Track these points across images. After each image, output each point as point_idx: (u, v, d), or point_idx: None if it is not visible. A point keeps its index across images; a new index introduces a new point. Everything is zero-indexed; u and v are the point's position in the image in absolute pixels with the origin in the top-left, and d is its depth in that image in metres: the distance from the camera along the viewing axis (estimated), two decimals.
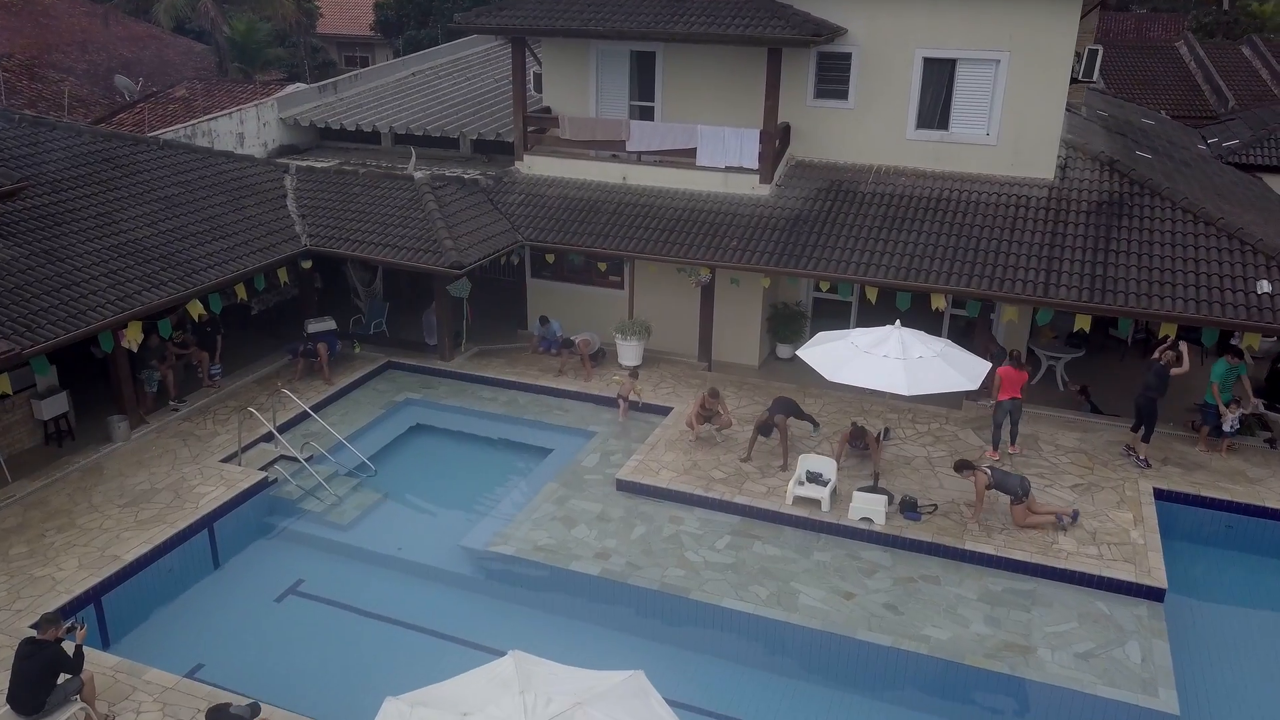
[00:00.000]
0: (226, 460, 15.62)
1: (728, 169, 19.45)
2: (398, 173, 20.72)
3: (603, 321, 19.90)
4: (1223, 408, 15.98)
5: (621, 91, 21.03)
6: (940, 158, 19.15)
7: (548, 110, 21.40)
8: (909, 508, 14.33)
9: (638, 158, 20.31)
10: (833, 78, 19.37)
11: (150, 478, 15.07)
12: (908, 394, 13.04)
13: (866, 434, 15.48)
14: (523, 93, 20.70)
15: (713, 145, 19.40)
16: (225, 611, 13.24)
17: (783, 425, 15.65)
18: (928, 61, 18.66)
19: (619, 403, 17.63)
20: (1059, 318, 19.96)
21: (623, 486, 15.24)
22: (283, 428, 16.63)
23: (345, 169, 21.16)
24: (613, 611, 13.08)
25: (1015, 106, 18.30)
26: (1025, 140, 18.47)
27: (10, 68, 30.96)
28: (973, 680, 11.58)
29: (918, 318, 16.31)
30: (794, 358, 20.03)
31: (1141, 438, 15.92)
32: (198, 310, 16.51)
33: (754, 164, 19.21)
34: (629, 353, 19.36)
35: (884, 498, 14.23)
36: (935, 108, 18.98)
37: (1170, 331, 16.25)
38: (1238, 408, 16.00)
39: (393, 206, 19.57)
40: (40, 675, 10.05)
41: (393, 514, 15.33)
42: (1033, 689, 11.38)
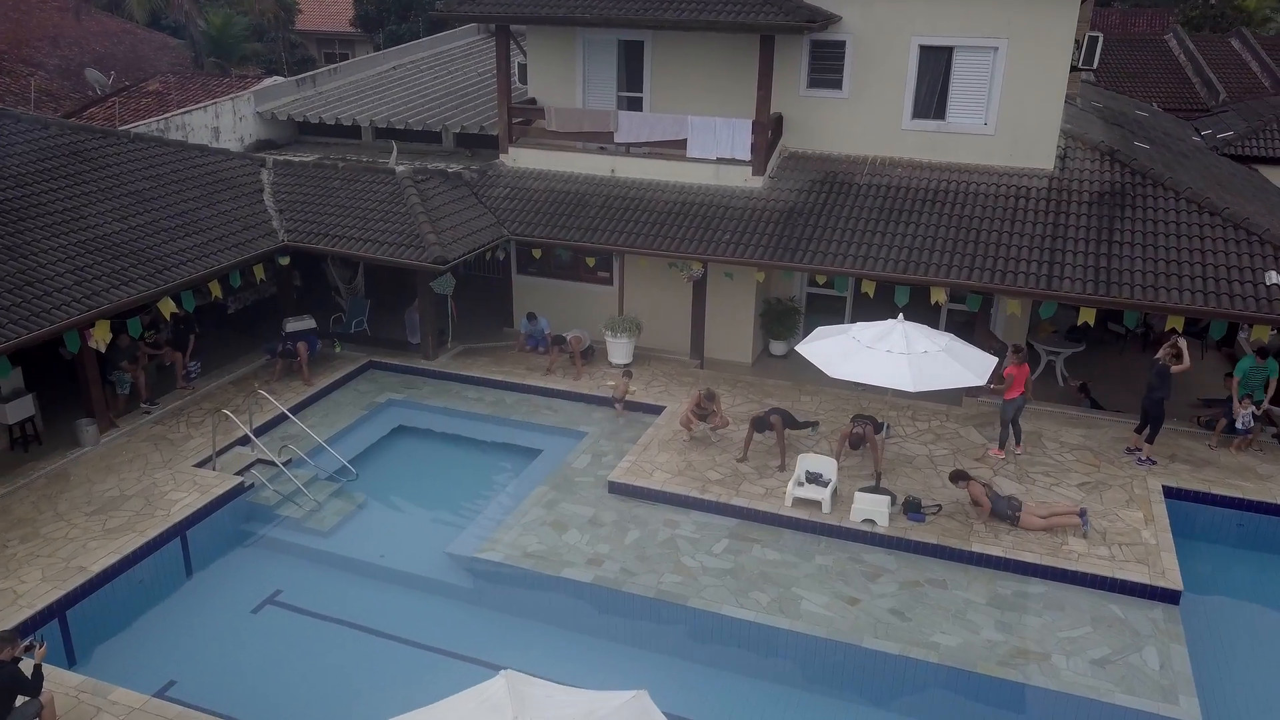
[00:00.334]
0: (200, 465, 14.95)
1: (719, 161, 18.90)
2: (378, 166, 20.06)
3: (591, 319, 19.32)
4: (1237, 404, 15.54)
5: (609, 82, 20.44)
6: (937, 148, 18.66)
7: (533, 102, 20.81)
8: (912, 509, 13.81)
9: (626, 150, 19.73)
10: (826, 67, 18.84)
11: (120, 484, 14.39)
12: (913, 390, 12.51)
13: (866, 435, 14.94)
14: (507, 83, 20.09)
15: (704, 136, 18.84)
16: (198, 625, 12.59)
17: (778, 425, 15.10)
18: (924, 49, 18.16)
19: (615, 405, 17.04)
20: (1058, 312, 19.57)
21: (615, 489, 14.66)
22: (259, 430, 15.96)
23: (324, 163, 20.51)
24: (606, 621, 12.50)
25: (1014, 95, 17.82)
26: (1024, 130, 18.00)
27: None
28: (985, 689, 11.06)
29: (915, 313, 15.71)
30: (788, 355, 19.63)
31: (1145, 438, 15.45)
32: (169, 309, 15.81)
33: (746, 155, 18.67)
34: (619, 351, 18.79)
35: (886, 498, 13.71)
36: (931, 97, 18.48)
37: (1176, 325, 15.81)
38: (1250, 404, 15.52)
39: (373, 201, 18.93)
40: None
41: (375, 520, 14.68)
42: (1048, 698, 10.86)
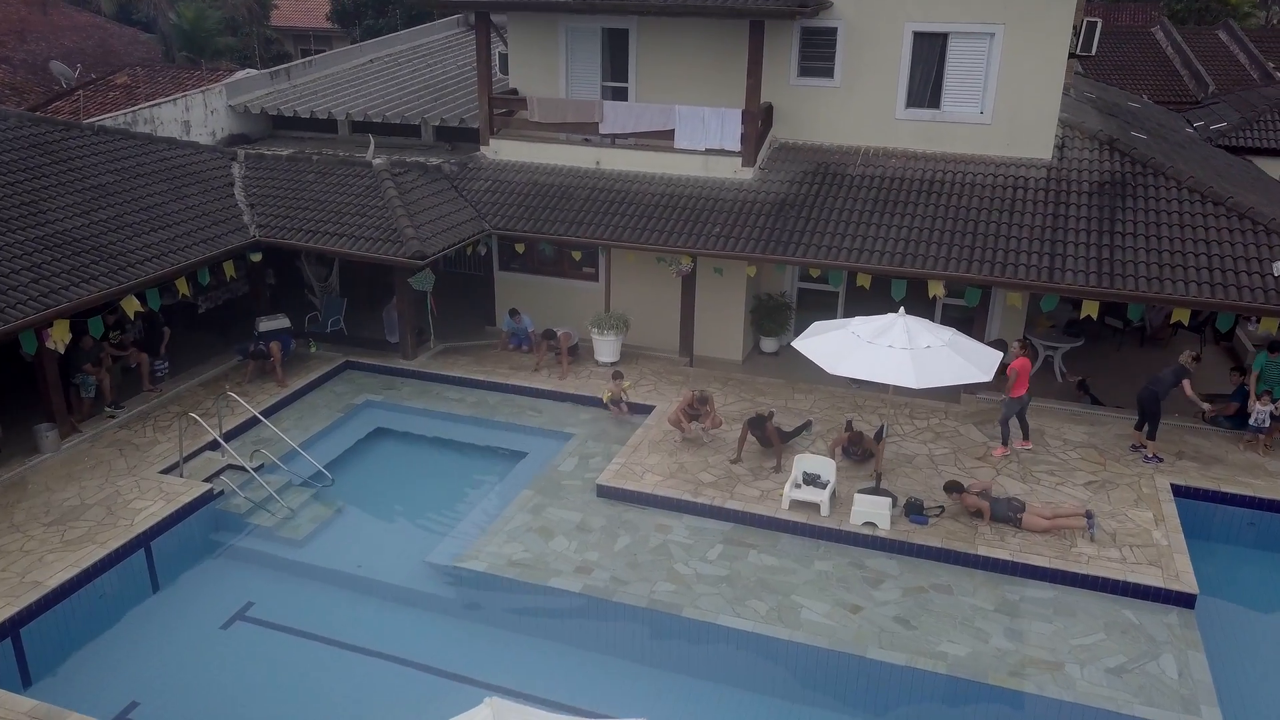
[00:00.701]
0: (167, 471, 14.21)
1: (708, 151, 18.30)
2: (354, 160, 19.34)
3: (577, 316, 18.68)
4: (1254, 400, 15.07)
5: (593, 72, 19.81)
6: (931, 138, 18.14)
7: (514, 92, 20.14)
8: (914, 510, 13.25)
9: (611, 141, 19.11)
10: (817, 54, 18.28)
11: (80, 492, 13.64)
12: (917, 387, 11.93)
13: (864, 438, 14.38)
14: (488, 73, 19.42)
15: (691, 126, 18.24)
16: (164, 642, 11.89)
17: (772, 430, 14.49)
18: (918, 36, 17.63)
19: (618, 407, 16.37)
20: (1056, 306, 19.09)
21: (604, 493, 14.02)
22: (230, 434, 15.24)
23: (298, 156, 19.75)
24: (597, 632, 11.87)
25: (1011, 83, 17.31)
26: (1021, 118, 17.49)
27: None
28: (997, 701, 10.50)
29: (911, 308, 15.00)
30: (779, 352, 19.07)
31: (1147, 435, 14.94)
32: (134, 307, 15.05)
33: (736, 146, 18.07)
34: (606, 349, 18.15)
35: (887, 500, 13.14)
36: (926, 85, 17.96)
37: (1182, 318, 15.33)
38: (1270, 400, 15.02)
39: (349, 194, 18.21)
40: None
41: (352, 528, 13.97)
42: (1064, 711, 10.30)
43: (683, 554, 12.73)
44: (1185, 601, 11.76)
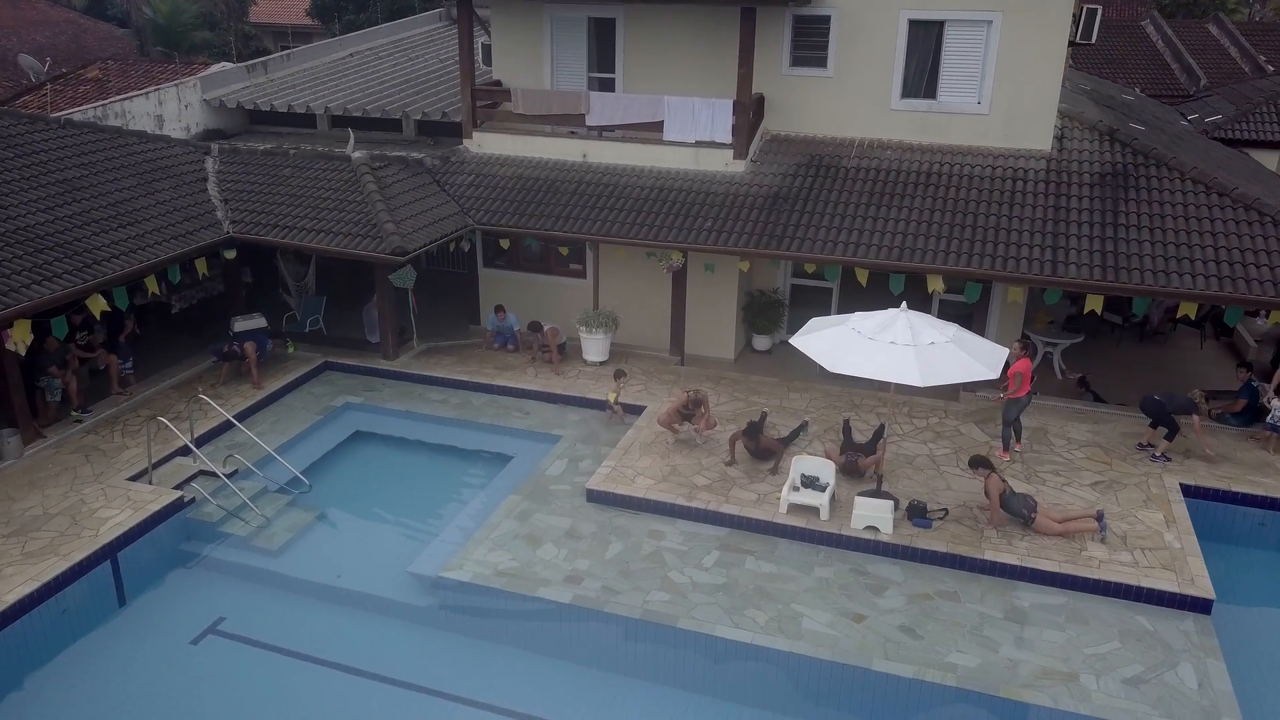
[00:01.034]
0: (135, 478, 13.56)
1: (698, 144, 17.75)
2: (333, 153, 18.71)
3: (565, 313, 18.10)
4: (1273, 397, 14.63)
5: (579, 63, 19.24)
6: (928, 129, 17.65)
7: (498, 84, 19.54)
8: (917, 514, 12.74)
9: (599, 133, 18.54)
10: (810, 44, 17.76)
11: (43, 501, 12.97)
12: (921, 385, 11.40)
13: (858, 462, 13.79)
14: (470, 63, 18.81)
15: (681, 118, 17.68)
16: (131, 659, 11.26)
17: (767, 439, 13.94)
18: (913, 24, 17.13)
19: (614, 408, 15.78)
20: (1055, 303, 18.67)
21: (594, 497, 13.45)
22: (203, 439, 14.60)
23: (274, 150, 19.10)
24: (588, 645, 11.28)
25: (1009, 72, 16.83)
26: (1020, 109, 17.02)
27: None
28: (1011, 715, 9.98)
29: (908, 305, 14.59)
30: (771, 350, 18.55)
31: (1165, 436, 14.43)
32: (100, 306, 14.38)
33: (727, 138, 17.53)
34: (594, 348, 17.57)
35: (889, 503, 12.62)
36: (922, 75, 17.47)
37: (1189, 311, 14.89)
38: None
39: (327, 189, 17.58)
40: None
41: (330, 536, 13.35)
42: None
43: (677, 561, 12.18)
44: (1201, 607, 11.29)
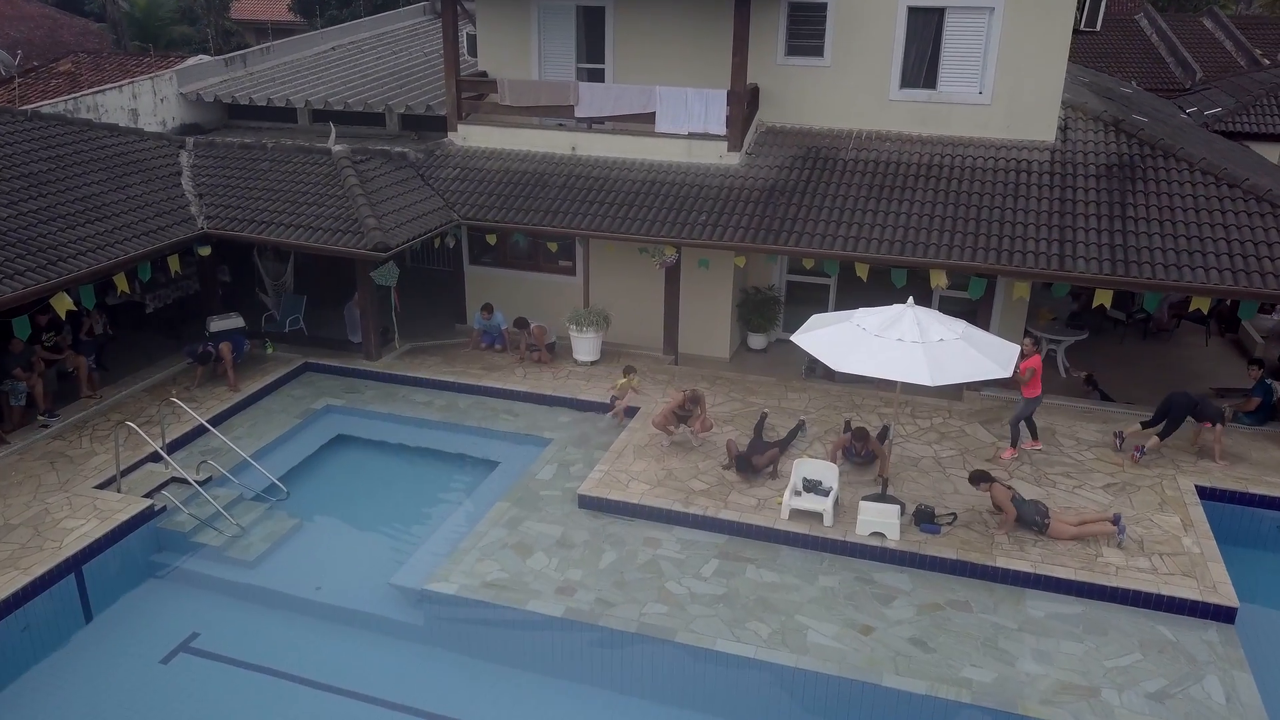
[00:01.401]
0: (103, 486, 12.89)
1: (691, 135, 17.17)
2: (313, 147, 18.04)
3: (554, 312, 17.49)
4: None
5: (567, 53, 18.65)
6: (928, 120, 17.13)
7: (484, 74, 18.92)
8: (925, 519, 12.18)
9: (588, 125, 17.95)
10: (806, 32, 17.23)
11: (4, 510, 12.27)
12: (931, 384, 10.84)
13: (868, 438, 13.30)
14: (455, 53, 18.17)
15: (674, 109, 17.08)
16: (97, 679, 10.62)
17: (764, 462, 13.34)
18: (912, 11, 16.64)
19: (613, 404, 15.20)
20: (1059, 300, 18.21)
21: (586, 503, 12.85)
22: (175, 444, 13.94)
23: (251, 143, 18.42)
24: (582, 661, 10.70)
25: (1011, 61, 16.33)
26: (1023, 99, 16.52)
27: None
28: None
29: (907, 299, 13.96)
30: (767, 349, 17.99)
31: (1159, 434, 13.91)
32: (65, 305, 13.69)
33: (721, 129, 16.95)
34: (585, 347, 16.97)
35: (896, 508, 12.06)
36: (921, 64, 16.95)
37: (1202, 306, 14.41)
38: None
39: (307, 183, 16.92)
40: None
41: (309, 546, 12.67)
42: None
43: (674, 571, 11.59)
44: (1225, 615, 10.77)
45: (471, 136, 18.47)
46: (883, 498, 12.30)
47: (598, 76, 18.39)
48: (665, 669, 10.43)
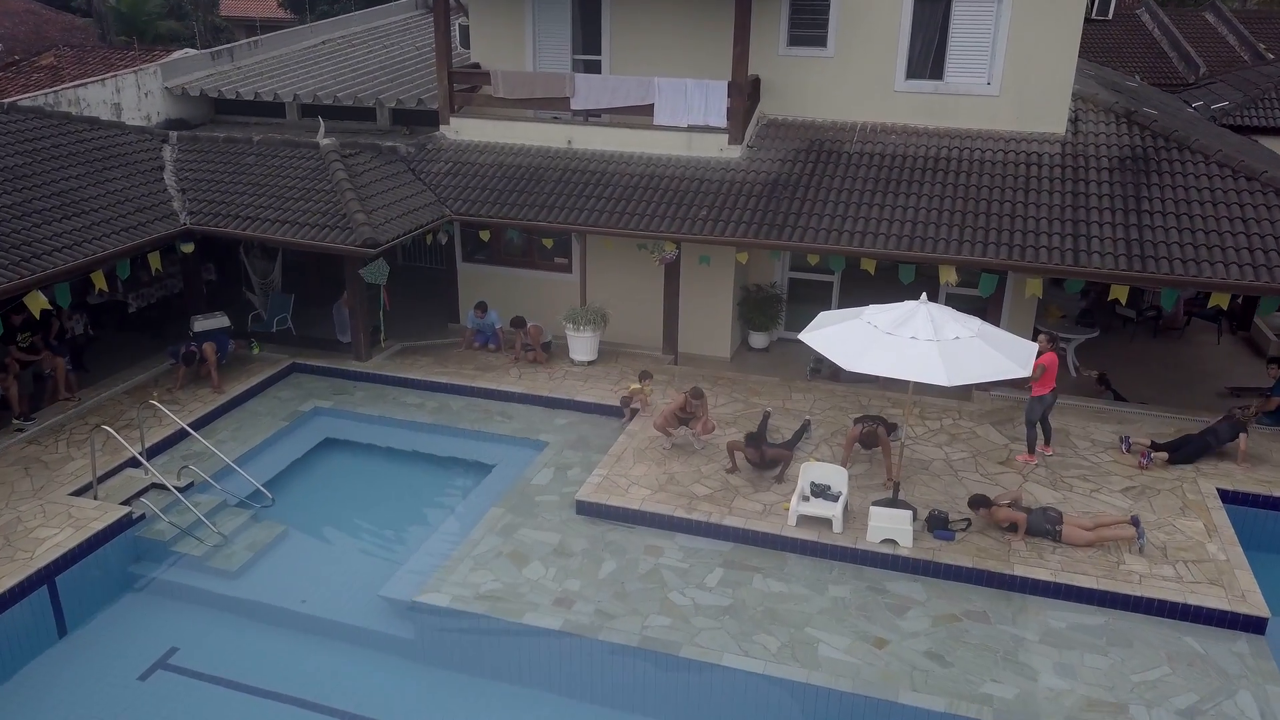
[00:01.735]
0: (79, 493, 12.32)
1: (690, 128, 16.64)
2: (300, 140, 17.49)
3: (550, 311, 16.95)
4: None
5: (562, 45, 18.10)
6: (934, 112, 16.63)
7: (476, 66, 18.38)
8: (938, 524, 11.68)
9: (584, 118, 17.43)
10: (809, 21, 16.72)
11: None
12: (947, 384, 10.36)
13: (878, 434, 12.80)
14: (446, 43, 17.63)
15: (673, 100, 16.56)
16: (70, 697, 10.07)
17: (774, 455, 12.84)
18: (919, 0, 16.11)
19: (625, 411, 14.67)
20: (1067, 297, 17.76)
21: (584, 509, 12.32)
22: (157, 448, 13.39)
23: (237, 137, 17.86)
24: (581, 677, 10.18)
25: (1021, 50, 15.83)
26: (1032, 89, 16.02)
27: None
28: None
29: (914, 297, 13.36)
30: (769, 348, 17.49)
31: (1179, 460, 13.35)
32: (39, 304, 13.12)
33: (721, 121, 16.42)
34: (582, 346, 16.44)
35: (908, 513, 11.55)
36: (927, 54, 16.44)
37: (1221, 303, 13.94)
38: None
39: (293, 178, 16.38)
40: None
41: (295, 556, 12.09)
42: None
43: (678, 580, 11.06)
44: (1255, 626, 10.29)
45: (464, 130, 17.94)
46: (894, 503, 11.79)
47: (594, 68, 17.86)
48: (670, 685, 9.91)
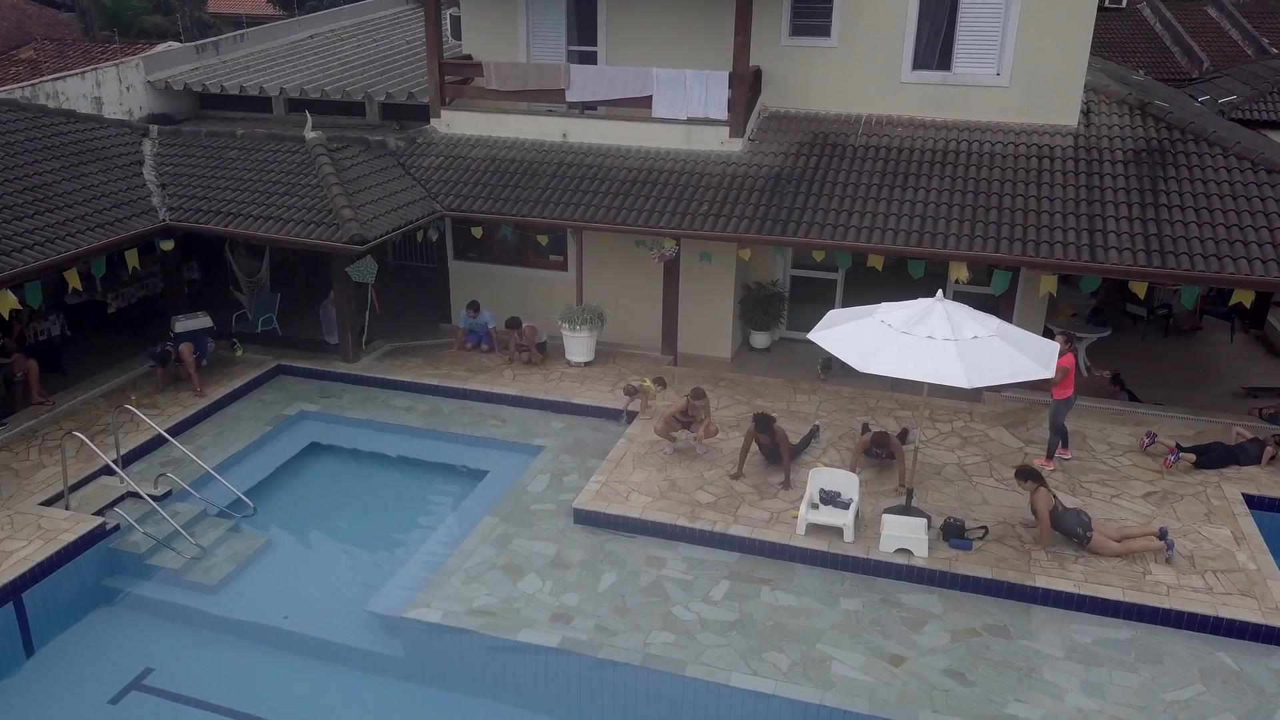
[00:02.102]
0: (50, 503, 11.71)
1: (690, 121, 16.08)
2: (285, 134, 16.89)
3: (545, 310, 16.36)
4: None
5: (557, 36, 17.54)
6: (942, 104, 16.09)
7: (468, 58, 17.80)
8: (954, 533, 11.13)
9: (580, 110, 16.86)
10: (812, 10, 16.18)
11: None
12: (968, 386, 9.82)
13: (889, 439, 12.26)
14: (438, 35, 17.04)
15: (671, 92, 15.99)
16: None
17: (782, 434, 12.32)
18: None
19: (626, 400, 14.15)
20: (1076, 295, 17.26)
21: (582, 518, 11.75)
22: (133, 455, 12.79)
23: (220, 131, 17.26)
24: (580, 698, 9.61)
25: (1032, 40, 15.30)
26: (1043, 80, 15.49)
27: None
28: None
29: (921, 295, 12.73)
30: (771, 348, 16.95)
31: (1205, 465, 12.83)
32: (9, 304, 12.50)
33: (722, 114, 15.87)
34: (578, 346, 15.86)
35: (922, 521, 11.00)
36: (935, 44, 15.91)
37: (1245, 299, 13.43)
38: None
39: (278, 173, 15.78)
40: None
41: (278, 569, 11.49)
42: None
43: (681, 594, 10.50)
44: None
45: (456, 123, 17.34)
46: (907, 510, 11.23)
47: (590, 59, 17.29)
48: (674, 707, 9.35)
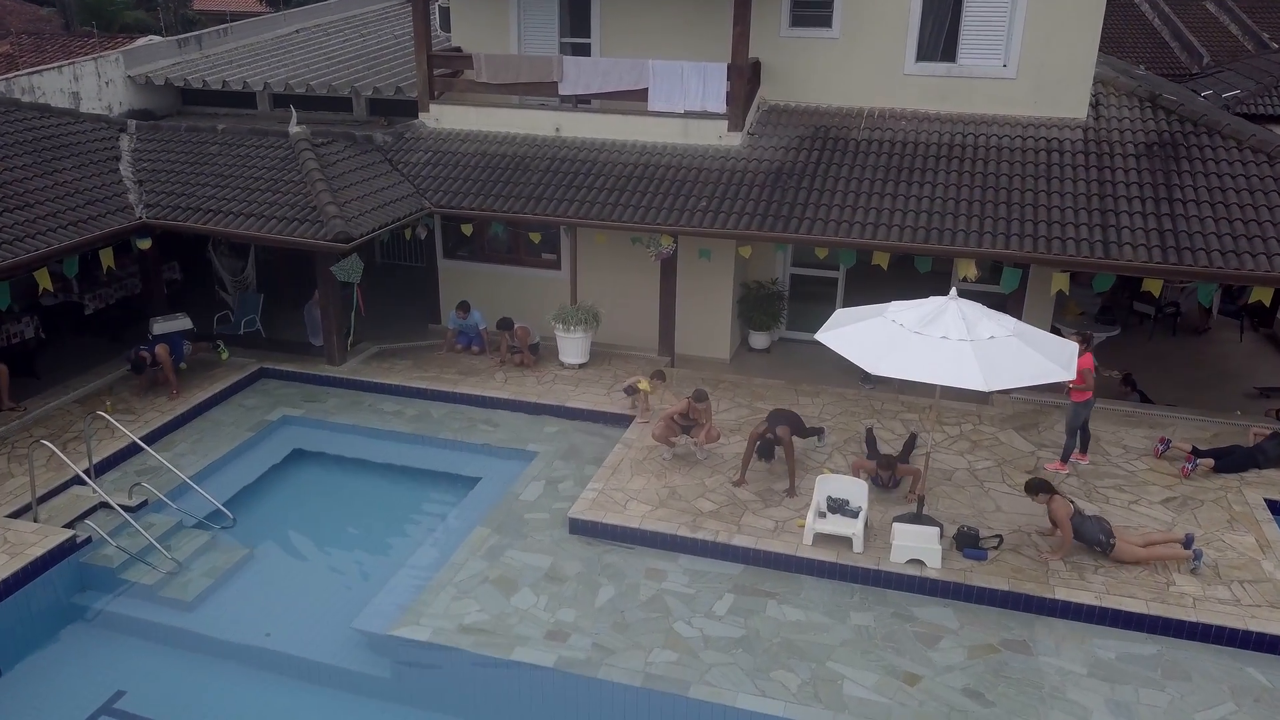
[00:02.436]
0: (18, 514, 11.14)
1: (687, 114, 15.58)
2: (268, 129, 16.34)
3: (538, 311, 15.83)
4: None
5: (549, 28, 17.04)
6: (947, 96, 15.63)
7: (458, 50, 17.26)
8: (968, 543, 10.64)
9: (573, 104, 16.35)
10: (812, 1, 15.68)
11: None
12: (985, 389, 9.33)
13: (895, 465, 11.73)
14: (426, 26, 16.51)
15: (668, 85, 15.48)
16: None
17: (787, 440, 11.82)
18: None
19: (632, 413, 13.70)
20: (1084, 293, 16.85)
21: (578, 528, 11.22)
22: (106, 464, 12.22)
23: (200, 126, 16.70)
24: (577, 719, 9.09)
25: (1039, 30, 14.86)
26: (1051, 72, 15.05)
27: None
28: None
29: (925, 294, 12.19)
30: (770, 348, 16.46)
31: (1223, 469, 12.37)
32: None
33: (720, 107, 15.37)
34: (572, 348, 15.34)
35: (934, 530, 10.50)
36: (939, 35, 15.46)
37: (1264, 297, 12.99)
38: None
39: (261, 168, 15.24)
40: None
41: (258, 584, 10.90)
42: None
43: (683, 609, 9.98)
44: None
45: (445, 117, 16.81)
46: (919, 518, 10.73)
47: (583, 51, 16.78)
48: None
